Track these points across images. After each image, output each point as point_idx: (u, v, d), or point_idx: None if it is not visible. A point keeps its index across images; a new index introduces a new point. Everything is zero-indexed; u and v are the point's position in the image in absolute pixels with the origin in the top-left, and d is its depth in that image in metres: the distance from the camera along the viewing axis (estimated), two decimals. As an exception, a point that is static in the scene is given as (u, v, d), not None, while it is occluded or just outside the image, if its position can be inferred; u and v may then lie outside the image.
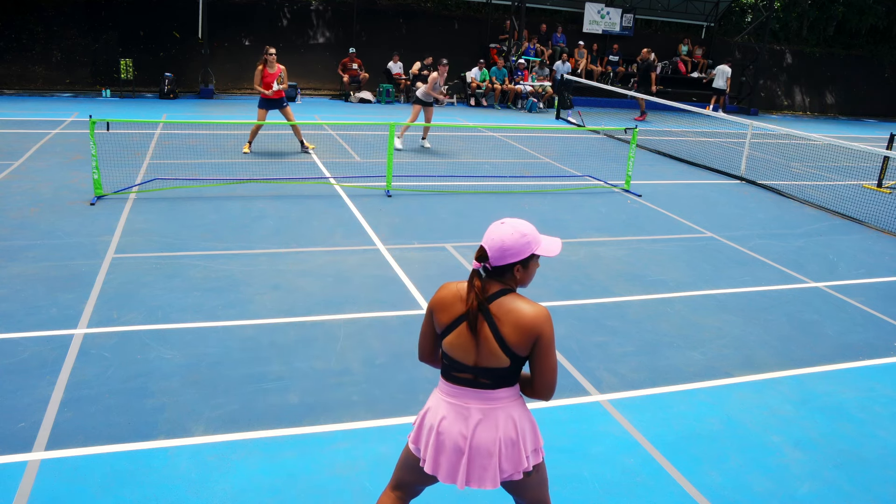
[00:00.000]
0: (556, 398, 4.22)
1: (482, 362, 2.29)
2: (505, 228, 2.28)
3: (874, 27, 26.29)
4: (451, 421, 2.35)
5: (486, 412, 2.33)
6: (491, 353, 2.27)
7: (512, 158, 11.83)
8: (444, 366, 2.40)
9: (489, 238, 2.28)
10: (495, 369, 2.29)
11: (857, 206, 9.83)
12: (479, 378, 2.32)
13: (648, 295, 6.01)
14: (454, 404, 2.35)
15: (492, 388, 2.33)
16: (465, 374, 2.33)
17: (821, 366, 4.95)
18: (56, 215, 7.09)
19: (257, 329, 4.86)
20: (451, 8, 21.78)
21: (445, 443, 2.35)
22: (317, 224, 7.38)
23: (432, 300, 2.37)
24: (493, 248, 2.26)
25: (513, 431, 2.34)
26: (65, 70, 17.22)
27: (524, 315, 2.24)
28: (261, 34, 19.05)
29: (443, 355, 2.38)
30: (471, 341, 2.28)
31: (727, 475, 3.62)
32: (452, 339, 2.30)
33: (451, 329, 2.31)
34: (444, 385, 2.40)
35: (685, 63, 22.50)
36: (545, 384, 2.31)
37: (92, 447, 3.47)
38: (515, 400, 2.38)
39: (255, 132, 10.67)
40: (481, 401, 2.33)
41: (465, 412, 2.34)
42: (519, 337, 2.24)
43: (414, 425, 2.50)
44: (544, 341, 2.25)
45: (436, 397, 2.42)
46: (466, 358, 2.30)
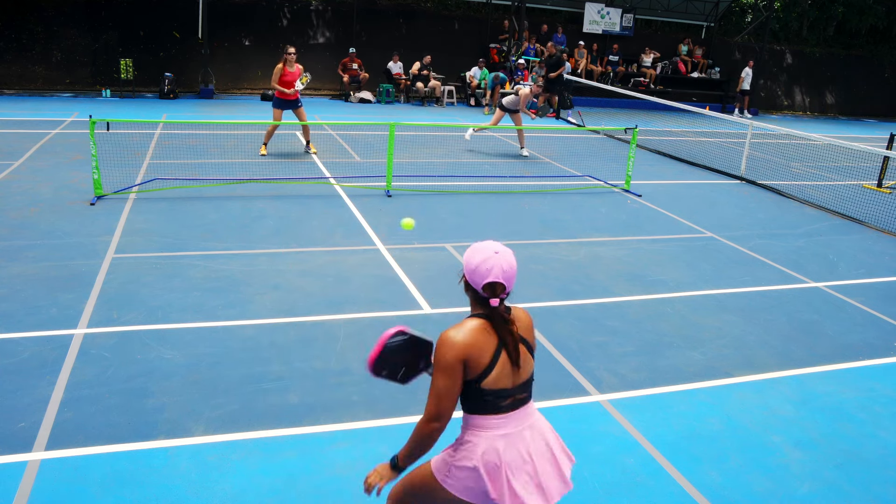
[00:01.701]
0: (556, 398, 4.22)
1: (520, 380, 2.34)
2: (504, 255, 2.31)
3: (874, 27, 26.29)
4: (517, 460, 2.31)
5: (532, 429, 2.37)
6: (526, 363, 2.36)
7: (512, 158, 11.83)
8: (482, 405, 2.32)
9: (502, 272, 2.27)
10: (529, 379, 2.39)
11: (857, 206, 9.83)
12: (517, 396, 2.35)
13: (648, 295, 6.01)
14: (509, 437, 2.32)
15: (527, 401, 2.39)
16: (507, 400, 2.33)
17: (821, 366, 4.95)
18: (56, 215, 7.09)
19: (257, 329, 4.86)
20: (451, 8, 21.78)
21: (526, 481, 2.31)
22: (317, 224, 7.38)
23: (463, 354, 2.24)
24: (509, 277, 2.30)
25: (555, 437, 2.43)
26: (65, 70, 17.22)
27: (527, 319, 2.43)
28: (261, 34, 19.05)
29: (482, 395, 2.30)
30: (511, 367, 2.30)
31: (727, 475, 3.62)
32: (496, 374, 2.29)
33: (492, 367, 2.28)
34: (490, 421, 2.32)
35: (685, 63, 22.51)
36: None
37: (92, 447, 3.47)
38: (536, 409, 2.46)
39: (272, 133, 10.60)
40: (524, 419, 2.36)
41: (521, 441, 2.33)
42: (533, 337, 2.44)
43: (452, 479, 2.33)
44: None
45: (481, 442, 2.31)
46: (508, 383, 2.32)
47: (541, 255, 6.86)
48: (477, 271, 2.29)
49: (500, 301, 2.29)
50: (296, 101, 10.51)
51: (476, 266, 2.29)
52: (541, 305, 5.61)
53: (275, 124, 10.35)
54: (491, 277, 2.27)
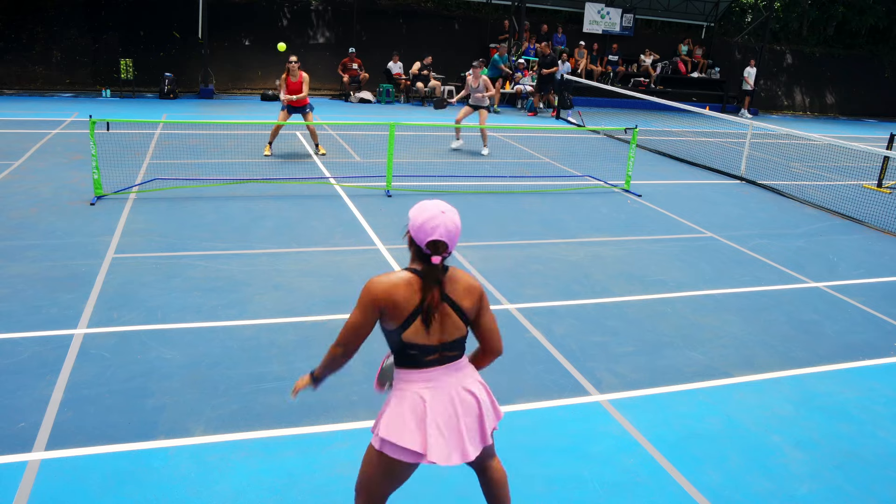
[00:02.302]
0: (556, 398, 4.23)
1: (446, 338, 2.45)
2: (450, 215, 2.40)
3: (874, 27, 26.29)
4: (443, 412, 2.43)
5: (461, 381, 2.50)
6: (453, 325, 2.46)
7: (512, 158, 11.83)
8: (406, 357, 2.45)
9: (446, 230, 2.36)
10: (457, 340, 2.49)
11: (857, 206, 9.83)
12: (444, 353, 2.47)
13: (648, 295, 6.01)
14: (434, 388, 2.45)
15: (457, 359, 2.52)
16: (433, 356, 2.45)
17: (821, 366, 4.95)
18: (56, 215, 7.09)
19: (257, 329, 4.86)
20: (451, 8, 21.78)
21: (442, 430, 2.42)
22: (317, 224, 7.38)
23: (377, 299, 2.38)
24: (453, 236, 2.40)
25: (483, 391, 2.57)
26: (65, 70, 17.22)
27: (468, 282, 2.50)
28: (261, 34, 19.06)
29: (404, 347, 2.43)
30: (436, 322, 2.41)
31: (727, 475, 3.62)
32: (413, 332, 2.40)
33: (408, 323, 2.39)
34: (412, 374, 2.46)
35: (685, 63, 22.51)
36: (494, 339, 2.61)
37: (92, 447, 3.47)
38: (470, 366, 2.60)
39: (276, 133, 10.62)
40: (452, 374, 2.49)
41: (446, 394, 2.45)
42: (470, 302, 2.49)
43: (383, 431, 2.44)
44: (486, 300, 2.56)
45: (404, 391, 2.45)
46: (433, 340, 2.43)
47: (541, 255, 6.86)
48: (422, 228, 2.36)
49: (442, 259, 2.37)
50: (304, 107, 10.55)
51: (422, 223, 2.36)
52: (541, 305, 5.61)
53: (279, 124, 10.36)
54: (435, 235, 2.35)
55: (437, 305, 2.40)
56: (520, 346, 4.87)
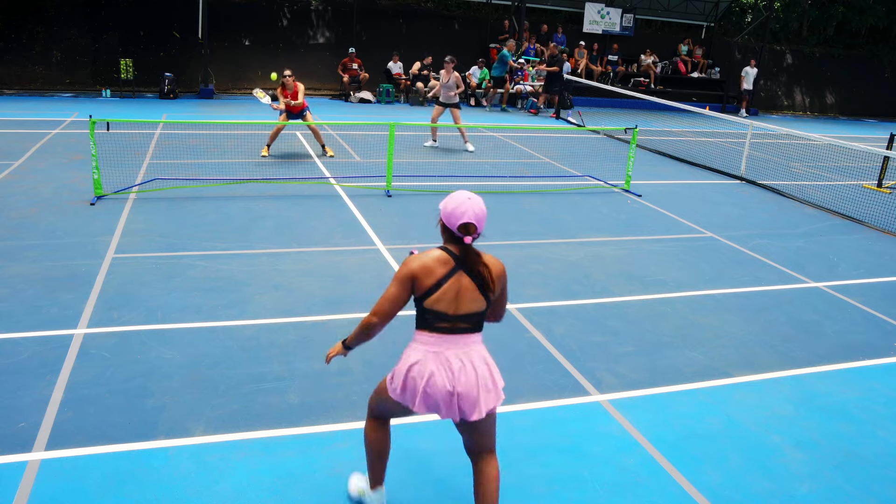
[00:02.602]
0: (555, 398, 4.23)
1: (463, 310, 2.73)
2: (476, 200, 2.77)
3: (874, 27, 26.29)
4: (438, 375, 2.70)
5: (463, 356, 2.73)
6: (474, 300, 2.74)
7: (512, 158, 11.83)
8: (424, 321, 2.76)
9: (474, 214, 2.73)
10: (474, 314, 2.76)
11: (857, 206, 9.83)
12: (456, 324, 2.74)
13: (648, 295, 6.01)
14: (437, 353, 2.72)
15: (469, 333, 2.77)
16: (446, 324, 2.73)
17: (821, 366, 4.95)
18: (56, 215, 7.09)
19: (257, 329, 4.86)
20: (451, 8, 21.79)
21: (440, 393, 2.70)
22: (317, 224, 7.38)
23: (414, 271, 2.70)
24: (481, 220, 2.76)
25: (486, 371, 2.77)
26: (65, 70, 17.22)
27: (498, 267, 2.84)
28: (261, 34, 19.06)
29: (423, 312, 2.74)
30: (454, 295, 2.71)
31: (727, 475, 3.62)
32: (438, 297, 2.71)
33: (435, 290, 2.70)
34: (426, 336, 2.76)
35: (685, 63, 22.51)
36: (501, 312, 3.00)
37: (92, 447, 3.47)
38: (482, 343, 2.84)
39: (276, 134, 10.60)
40: (459, 346, 2.75)
41: (448, 362, 2.71)
42: (497, 284, 2.80)
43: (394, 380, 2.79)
44: (506, 281, 2.90)
45: (418, 351, 2.76)
46: (449, 309, 2.72)
47: (541, 255, 6.86)
48: (453, 214, 2.72)
49: (472, 239, 2.73)
50: (301, 112, 10.59)
51: (452, 210, 2.72)
52: (541, 305, 5.61)
53: (280, 125, 10.37)
54: (465, 219, 2.71)
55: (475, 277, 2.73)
56: (520, 346, 4.87)
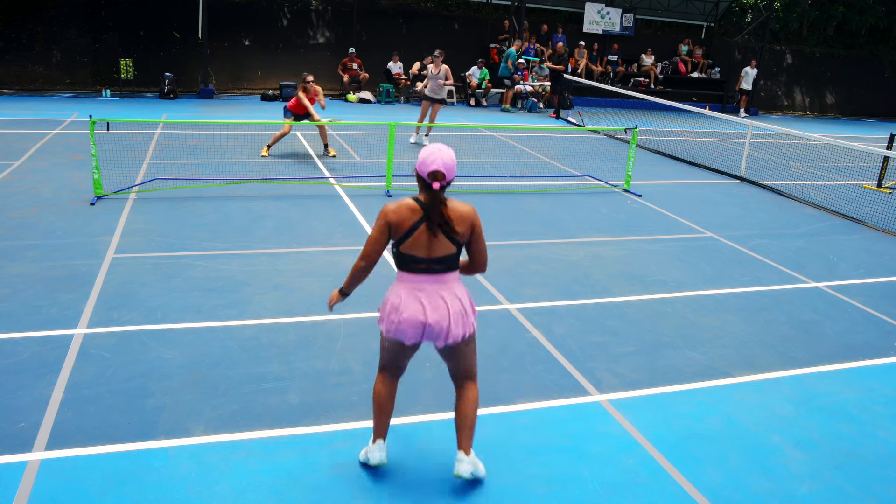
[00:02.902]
0: (555, 398, 4.23)
1: (435, 253, 3.10)
2: (446, 151, 3.06)
3: (874, 27, 26.29)
4: (412, 307, 3.11)
5: (439, 292, 3.13)
6: (442, 245, 3.09)
7: (512, 158, 11.83)
8: (402, 262, 3.15)
9: (443, 163, 3.02)
10: (446, 256, 3.12)
11: (857, 206, 9.83)
12: (431, 266, 3.12)
13: (648, 295, 6.01)
14: (413, 290, 3.13)
15: (442, 273, 3.15)
16: (421, 265, 3.12)
17: (821, 366, 4.95)
18: (56, 215, 7.09)
19: (257, 329, 4.86)
20: (451, 8, 21.78)
21: (410, 323, 3.12)
22: (317, 224, 7.38)
23: (388, 218, 3.07)
24: (450, 168, 3.05)
25: (458, 305, 3.16)
26: (65, 70, 17.22)
27: (463, 210, 3.11)
28: (261, 34, 19.06)
29: (402, 256, 3.13)
30: (427, 240, 3.07)
31: (727, 475, 3.62)
32: (411, 242, 3.08)
33: (408, 235, 3.07)
34: (405, 276, 3.17)
35: (685, 63, 22.51)
36: (481, 260, 3.26)
37: (92, 447, 3.47)
38: (458, 281, 3.22)
39: (279, 137, 10.53)
40: (434, 284, 3.14)
41: (422, 297, 3.12)
42: (464, 228, 3.11)
43: (382, 317, 3.22)
44: (478, 227, 3.18)
45: (396, 290, 3.18)
46: (421, 252, 3.09)
47: (541, 255, 6.86)
48: (424, 163, 3.04)
49: (441, 187, 3.02)
50: (307, 113, 10.58)
51: (423, 159, 3.04)
52: (541, 305, 5.61)
53: (285, 129, 10.32)
54: (434, 167, 3.01)
55: (439, 221, 3.03)
56: (520, 346, 4.87)
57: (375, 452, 3.39)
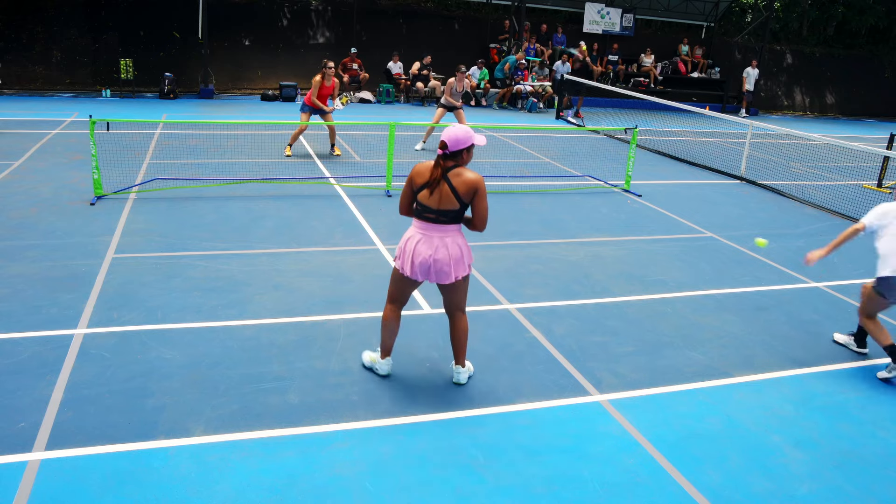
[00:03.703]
0: (555, 398, 4.23)
1: (442, 207, 3.86)
2: (457, 128, 3.83)
3: (874, 27, 26.30)
4: (422, 247, 3.91)
5: (442, 238, 3.91)
6: (448, 201, 3.84)
7: (512, 158, 11.83)
8: (417, 211, 3.95)
9: (447, 136, 3.79)
10: (450, 210, 3.87)
11: (857, 206, 9.83)
12: (439, 217, 3.89)
13: (648, 295, 6.01)
14: (424, 234, 3.93)
15: (446, 224, 3.91)
16: (430, 215, 3.89)
17: (821, 366, 4.95)
18: (56, 215, 7.09)
19: (257, 329, 4.86)
20: (451, 8, 21.79)
21: (418, 260, 3.92)
22: (317, 224, 7.38)
23: (412, 173, 3.92)
24: (451, 140, 3.80)
25: (457, 251, 3.94)
26: (65, 70, 17.22)
27: (468, 177, 3.83)
28: (261, 34, 19.06)
29: (417, 204, 3.92)
30: (436, 194, 3.84)
31: (727, 475, 3.62)
32: (424, 194, 3.87)
33: (423, 188, 3.87)
34: (417, 223, 3.96)
35: (685, 63, 22.51)
36: (481, 219, 3.93)
37: (92, 447, 3.47)
38: (458, 233, 3.98)
39: (298, 135, 10.57)
40: (440, 232, 3.92)
41: (430, 240, 3.91)
42: (466, 190, 3.81)
43: (398, 255, 4.03)
44: (480, 192, 3.86)
45: (411, 232, 3.98)
46: (432, 204, 3.87)
47: (541, 255, 6.86)
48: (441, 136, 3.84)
49: (443, 153, 3.81)
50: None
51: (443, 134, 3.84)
52: (541, 305, 5.61)
53: (303, 126, 10.33)
54: (441, 138, 3.82)
55: (438, 180, 3.81)
56: (520, 346, 4.87)
57: (384, 366, 4.25)
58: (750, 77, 21.56)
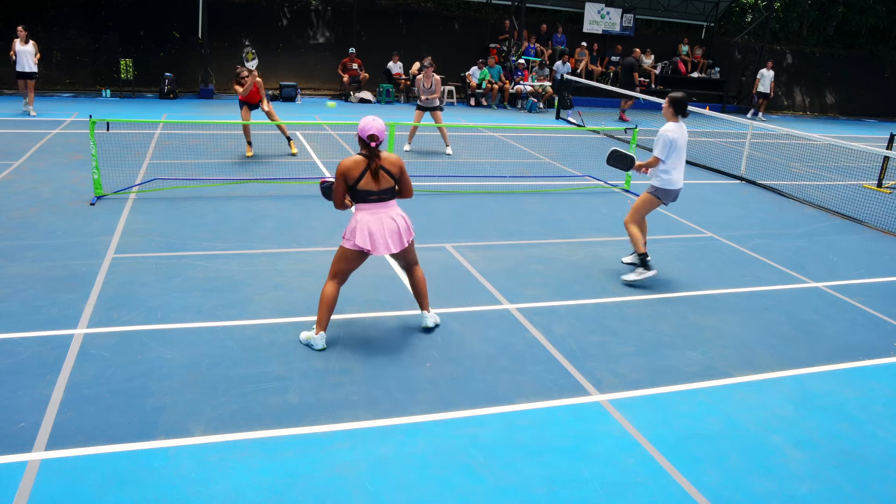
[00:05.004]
0: (555, 398, 4.23)
1: (381, 187, 4.51)
2: (379, 120, 4.45)
3: (874, 27, 26.29)
4: (374, 226, 4.51)
5: (388, 213, 4.56)
6: (386, 181, 4.52)
7: (512, 158, 11.83)
8: (359, 197, 4.50)
9: (377, 128, 4.40)
10: (388, 189, 4.55)
11: (857, 206, 9.83)
12: (381, 196, 4.53)
13: (648, 295, 6.01)
14: (372, 214, 4.52)
15: (388, 199, 4.58)
16: (373, 197, 4.51)
17: (821, 366, 4.96)
18: (56, 215, 7.09)
19: (257, 329, 4.86)
20: (451, 8, 21.79)
21: (378, 237, 4.51)
22: (317, 224, 7.38)
23: (342, 170, 4.43)
24: (381, 131, 4.42)
25: (402, 221, 4.63)
26: (65, 70, 17.22)
27: (393, 158, 4.55)
28: (261, 34, 19.06)
29: (356, 193, 4.49)
30: (373, 180, 4.46)
31: (727, 475, 3.62)
32: (365, 182, 4.46)
33: (359, 179, 4.45)
34: (363, 207, 4.53)
35: (685, 63, 22.50)
36: (408, 188, 4.68)
37: (92, 447, 3.47)
38: (397, 206, 4.66)
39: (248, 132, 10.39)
40: (385, 208, 4.56)
41: (379, 218, 4.53)
42: (395, 169, 4.55)
43: (349, 236, 4.54)
44: (404, 169, 4.61)
45: (359, 216, 4.53)
46: (374, 187, 4.49)
47: (541, 255, 6.86)
48: (363, 129, 4.42)
49: (377, 144, 4.41)
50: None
51: (363, 127, 4.43)
52: (541, 305, 5.61)
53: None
54: (371, 131, 4.39)
55: (377, 168, 4.43)
56: (520, 346, 4.87)
57: (320, 340, 4.62)
58: (765, 79, 21.00)
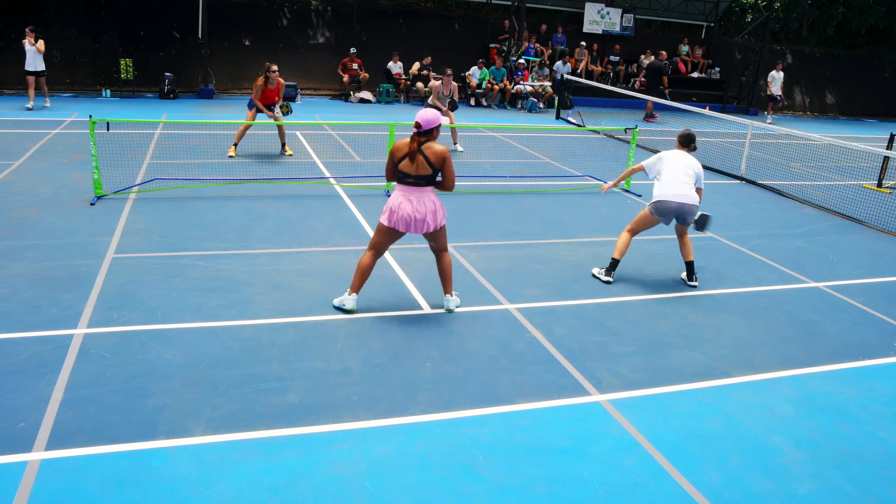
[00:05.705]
0: (556, 398, 4.23)
1: (419, 173, 4.92)
2: (426, 111, 4.90)
3: (874, 27, 26.29)
4: (406, 206, 4.95)
5: (420, 198, 4.97)
6: (423, 168, 4.91)
7: (512, 158, 11.83)
8: (399, 177, 4.99)
9: (422, 118, 4.87)
10: (425, 175, 4.94)
11: (857, 206, 9.83)
12: (417, 181, 4.95)
13: (648, 295, 6.01)
14: (405, 196, 4.96)
15: (423, 185, 4.98)
16: (410, 179, 4.95)
17: (821, 366, 4.96)
18: (56, 215, 7.09)
19: (257, 329, 4.86)
20: (451, 8, 21.79)
21: (403, 215, 4.95)
22: (317, 224, 7.38)
23: (393, 148, 5.00)
24: (423, 121, 4.87)
25: (432, 206, 5.01)
26: (65, 70, 17.22)
27: (437, 149, 4.91)
28: (261, 34, 19.06)
29: (399, 172, 4.96)
30: (414, 164, 4.90)
31: (727, 475, 3.62)
32: (405, 164, 4.93)
33: (403, 159, 4.93)
34: (400, 187, 5.01)
35: (685, 63, 22.50)
36: (450, 180, 5.04)
37: (92, 447, 3.47)
38: (433, 193, 5.07)
39: (243, 133, 10.42)
40: (417, 192, 4.97)
41: (410, 200, 4.96)
42: (436, 159, 4.91)
43: (385, 213, 5.04)
44: (447, 160, 4.95)
45: (395, 195, 5.01)
46: (411, 171, 4.93)
47: (541, 255, 6.86)
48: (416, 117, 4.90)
49: (418, 132, 4.90)
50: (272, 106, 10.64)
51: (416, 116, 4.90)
52: (541, 305, 5.61)
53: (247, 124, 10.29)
54: (417, 119, 4.87)
55: (415, 152, 4.89)
56: (520, 346, 4.87)
57: (351, 301, 5.14)
58: (776, 81, 20.77)
